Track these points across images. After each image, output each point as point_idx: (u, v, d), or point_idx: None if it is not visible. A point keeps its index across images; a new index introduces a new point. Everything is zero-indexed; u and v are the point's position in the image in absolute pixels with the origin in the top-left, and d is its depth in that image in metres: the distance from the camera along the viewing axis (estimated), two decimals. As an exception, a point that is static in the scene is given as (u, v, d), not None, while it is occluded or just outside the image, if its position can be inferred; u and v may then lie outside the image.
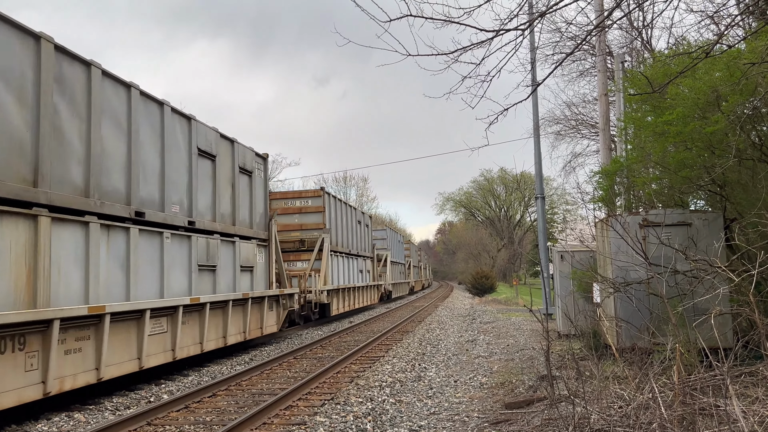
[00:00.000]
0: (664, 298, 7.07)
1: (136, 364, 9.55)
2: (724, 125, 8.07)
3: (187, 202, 11.71)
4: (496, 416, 7.19)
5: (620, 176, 11.95)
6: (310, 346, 14.51)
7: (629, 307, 8.79)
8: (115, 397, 9.18)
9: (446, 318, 23.67)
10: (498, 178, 77.73)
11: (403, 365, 11.65)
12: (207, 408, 8.26)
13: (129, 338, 9.50)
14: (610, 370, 7.04)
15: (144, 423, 7.36)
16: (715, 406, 4.86)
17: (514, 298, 36.42)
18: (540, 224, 18.03)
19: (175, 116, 11.44)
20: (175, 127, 11.39)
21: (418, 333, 17.76)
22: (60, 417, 7.88)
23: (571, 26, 17.41)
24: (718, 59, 8.19)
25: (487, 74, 5.09)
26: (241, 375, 10.40)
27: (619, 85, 13.85)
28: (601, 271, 10.23)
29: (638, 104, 11.57)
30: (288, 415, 7.75)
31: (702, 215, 9.44)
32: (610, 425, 5.14)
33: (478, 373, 10.51)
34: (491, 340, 15.20)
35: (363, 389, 9.29)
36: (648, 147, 10.83)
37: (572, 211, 56.71)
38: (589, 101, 25.26)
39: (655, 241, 8.54)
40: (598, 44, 14.86)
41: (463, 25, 4.70)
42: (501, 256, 72.89)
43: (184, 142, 11.76)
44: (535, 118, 17.83)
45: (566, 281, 12.95)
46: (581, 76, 23.97)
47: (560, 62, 8.04)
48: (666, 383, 5.83)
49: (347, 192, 69.70)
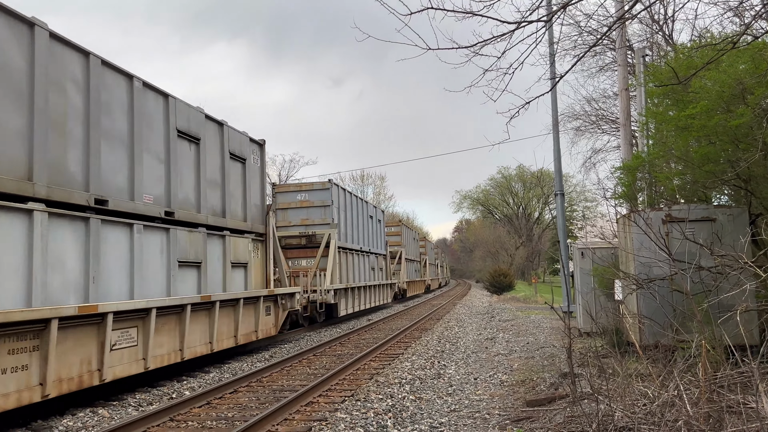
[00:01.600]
0: (689, 294, 6.96)
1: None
2: (750, 118, 7.91)
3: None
4: (517, 414, 7.14)
5: (642, 172, 11.80)
6: (329, 343, 14.54)
7: (652, 304, 8.67)
8: (138, 393, 9.28)
9: (464, 316, 23.59)
10: (516, 175, 77.31)
11: (423, 362, 11.62)
12: (228, 404, 8.32)
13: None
14: (633, 368, 6.94)
15: (167, 419, 7.42)
16: (743, 404, 4.77)
17: (533, 295, 36.18)
18: (560, 221, 17.88)
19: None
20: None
21: (437, 331, 17.72)
22: (84, 413, 7.99)
23: (590, 21, 17.23)
24: (743, 51, 8.04)
25: (508, 66, 5.06)
26: (261, 372, 10.45)
27: (640, 79, 13.67)
28: (623, 268, 10.10)
29: (660, 99, 11.41)
30: (309, 411, 7.77)
31: (727, 210, 9.28)
32: (634, 423, 5.07)
33: (498, 371, 10.45)
34: (510, 338, 15.11)
35: (383, 386, 9.29)
36: (670, 142, 10.68)
37: (592, 208, 56.27)
38: (609, 96, 25.00)
39: (678, 236, 8.42)
40: (619, 38, 14.67)
41: (484, 18, 4.67)
42: (519, 254, 72.46)
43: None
44: (554, 114, 17.68)
45: (587, 278, 12.82)
46: (601, 71, 23.72)
47: (582, 55, 7.96)
48: (691, 381, 5.73)
49: (364, 190, 69.84)
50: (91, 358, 8.11)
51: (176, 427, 7.17)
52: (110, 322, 8.27)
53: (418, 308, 28.61)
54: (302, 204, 20.80)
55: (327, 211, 20.58)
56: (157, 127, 10.27)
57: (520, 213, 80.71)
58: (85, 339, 8.02)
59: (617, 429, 5.12)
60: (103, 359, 8.24)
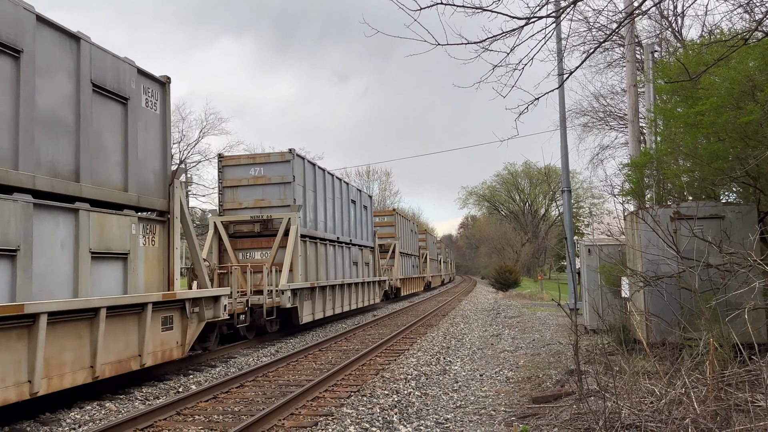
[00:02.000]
0: (697, 292, 6.94)
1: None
2: (759, 116, 7.86)
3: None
4: (523, 410, 7.14)
5: (650, 168, 11.75)
6: (335, 338, 14.57)
7: (660, 302, 8.64)
8: (145, 387, 9.33)
9: (470, 312, 23.58)
10: (522, 172, 77.11)
11: (428, 358, 11.63)
12: (235, 398, 8.35)
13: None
14: (640, 365, 6.93)
15: (173, 413, 7.46)
16: (751, 402, 4.75)
17: (538, 292, 36.11)
18: (566, 218, 17.83)
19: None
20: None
21: (442, 327, 17.72)
22: (92, 406, 8.04)
23: (599, 17, 17.14)
24: (754, 48, 7.99)
25: (518, 62, 5.04)
26: (267, 366, 10.48)
27: (648, 75, 13.59)
28: (630, 265, 10.07)
29: (668, 95, 11.35)
30: (315, 406, 7.79)
31: (735, 208, 9.23)
32: (641, 420, 5.06)
33: (504, 368, 10.45)
34: (516, 335, 15.10)
35: (388, 382, 9.31)
36: (679, 138, 10.63)
37: (599, 205, 56.10)
38: (617, 92, 24.90)
39: (686, 234, 8.38)
40: (628, 34, 14.59)
41: (494, 13, 4.65)
42: (525, 250, 72.33)
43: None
44: (561, 110, 17.62)
45: (593, 275, 12.78)
46: (609, 67, 23.65)
47: (592, 51, 7.93)
48: (699, 378, 5.71)
49: (370, 186, 69.74)
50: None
51: (183, 421, 7.21)
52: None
53: (421, 305, 28.60)
54: (256, 180, 16.55)
55: (287, 189, 16.26)
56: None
57: (526, 209, 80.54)
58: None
59: (624, 426, 5.12)
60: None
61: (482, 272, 80.00)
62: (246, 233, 16.17)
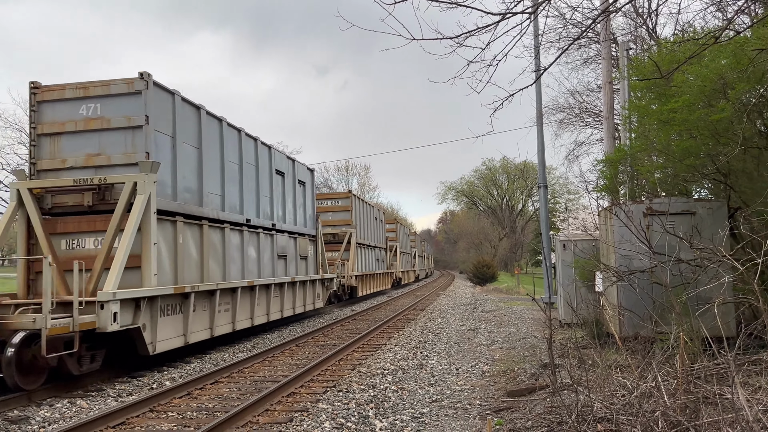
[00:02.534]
0: (668, 286, 7.04)
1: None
2: (730, 113, 8.00)
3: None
4: (498, 404, 7.20)
5: (624, 165, 11.89)
6: (311, 333, 14.52)
7: (632, 296, 8.76)
8: (118, 383, 9.20)
9: (448, 307, 23.70)
10: (500, 167, 77.56)
11: (405, 353, 11.66)
12: (209, 395, 8.27)
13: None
14: (612, 359, 7.01)
15: (146, 409, 7.37)
16: (719, 395, 4.84)
17: (515, 287, 36.44)
18: (542, 213, 17.98)
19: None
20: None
21: (420, 321, 17.78)
22: (62, 403, 7.90)
23: (575, 13, 17.27)
24: (725, 46, 8.11)
25: (493, 58, 5.04)
26: (243, 362, 10.41)
27: (623, 72, 13.74)
28: (604, 260, 10.19)
29: (643, 92, 11.49)
30: (290, 401, 7.76)
31: (706, 204, 9.39)
32: (613, 413, 5.13)
33: (480, 362, 10.52)
34: (493, 329, 15.22)
35: (365, 377, 9.31)
36: (652, 135, 10.77)
37: (574, 201, 56.68)
38: (593, 89, 25.14)
39: (659, 229, 8.50)
40: (603, 31, 14.73)
41: (469, 8, 4.64)
42: (502, 245, 72.88)
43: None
44: (538, 106, 17.73)
45: (568, 270, 12.92)
46: (585, 64, 23.83)
47: (566, 47, 7.96)
48: (669, 372, 5.80)
49: (349, 180, 69.56)
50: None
51: (156, 418, 7.12)
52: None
53: (404, 298, 28.67)
54: (89, 124, 10.70)
55: (137, 137, 10.49)
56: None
57: (504, 204, 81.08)
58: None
59: (596, 419, 5.18)
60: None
61: (460, 267, 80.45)
62: (72, 208, 10.49)
